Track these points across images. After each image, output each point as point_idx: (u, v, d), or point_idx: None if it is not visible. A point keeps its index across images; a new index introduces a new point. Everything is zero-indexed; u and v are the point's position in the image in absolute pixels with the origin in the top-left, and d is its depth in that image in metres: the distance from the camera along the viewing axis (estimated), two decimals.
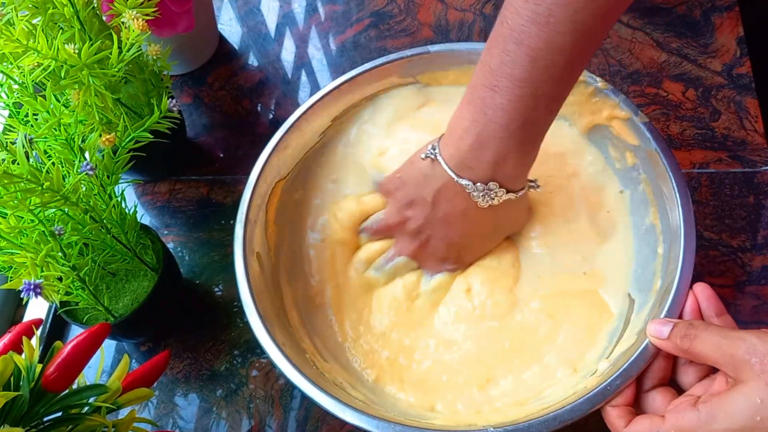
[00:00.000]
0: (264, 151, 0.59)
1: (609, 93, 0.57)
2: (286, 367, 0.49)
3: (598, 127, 0.59)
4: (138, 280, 0.59)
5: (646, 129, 0.55)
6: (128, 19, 0.53)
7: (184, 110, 0.76)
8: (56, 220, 0.50)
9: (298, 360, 0.50)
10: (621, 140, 0.57)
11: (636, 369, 0.45)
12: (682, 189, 0.51)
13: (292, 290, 0.58)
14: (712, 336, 0.42)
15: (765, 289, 0.59)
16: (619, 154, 0.58)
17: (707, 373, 0.45)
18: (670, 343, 0.44)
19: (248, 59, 0.80)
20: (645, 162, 0.55)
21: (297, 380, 0.48)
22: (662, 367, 0.46)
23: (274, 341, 0.50)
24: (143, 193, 0.72)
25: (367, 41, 0.79)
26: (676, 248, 0.50)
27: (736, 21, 0.73)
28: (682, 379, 0.46)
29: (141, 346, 0.64)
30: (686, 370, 0.46)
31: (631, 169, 0.57)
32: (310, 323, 0.57)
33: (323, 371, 0.52)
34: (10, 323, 0.67)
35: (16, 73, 0.50)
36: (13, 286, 0.47)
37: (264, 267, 0.56)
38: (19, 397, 0.40)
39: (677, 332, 0.44)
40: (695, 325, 0.44)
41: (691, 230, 0.50)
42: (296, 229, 0.61)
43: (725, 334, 0.42)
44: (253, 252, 0.55)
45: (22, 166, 0.45)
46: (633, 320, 0.52)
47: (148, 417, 0.60)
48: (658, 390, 0.46)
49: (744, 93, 0.69)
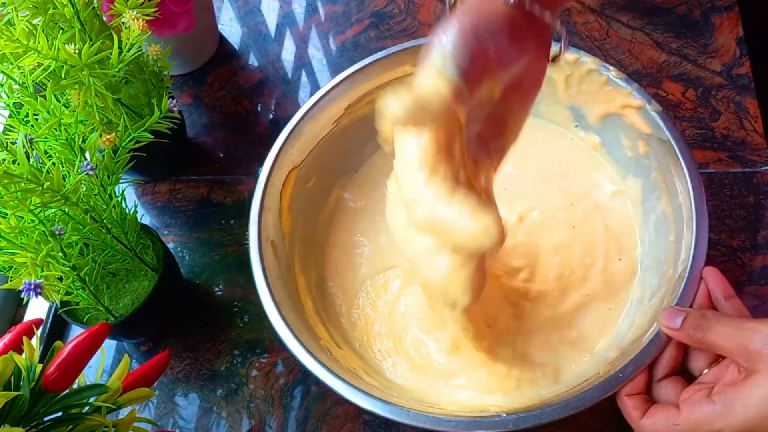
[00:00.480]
0: (278, 138, 0.59)
1: (622, 82, 0.57)
2: (302, 354, 0.49)
3: (610, 116, 0.59)
4: (138, 280, 0.59)
5: (659, 117, 0.55)
6: (128, 20, 0.53)
7: (184, 110, 0.76)
8: (56, 220, 0.50)
9: (313, 346, 0.50)
10: (634, 129, 0.57)
11: (648, 356, 0.46)
12: (695, 176, 0.51)
13: (305, 277, 0.59)
14: (725, 327, 0.42)
15: (765, 289, 0.59)
16: (631, 143, 0.58)
17: (717, 359, 0.45)
18: (683, 333, 0.44)
19: (248, 59, 0.80)
20: (657, 150, 0.55)
21: (313, 366, 0.48)
22: (674, 356, 0.46)
23: (290, 328, 0.50)
24: (143, 193, 0.72)
25: (367, 41, 0.79)
26: (689, 236, 0.50)
27: (735, 21, 0.73)
28: (693, 364, 0.46)
29: (141, 346, 0.64)
30: (697, 356, 0.46)
31: (642, 157, 0.57)
32: (324, 311, 0.58)
33: (337, 358, 0.53)
34: (11, 323, 0.67)
35: (17, 73, 0.50)
36: (14, 286, 0.47)
37: (278, 254, 0.56)
38: (20, 397, 0.41)
39: (690, 323, 0.44)
40: (708, 315, 0.44)
41: (703, 218, 0.50)
42: (310, 216, 0.61)
43: (738, 325, 0.42)
44: (268, 239, 0.55)
45: (22, 166, 0.45)
46: (645, 307, 0.52)
47: (149, 417, 0.60)
48: (670, 380, 0.46)
49: (744, 93, 0.69)
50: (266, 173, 0.57)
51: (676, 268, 0.50)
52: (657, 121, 0.55)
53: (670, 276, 0.51)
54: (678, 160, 0.53)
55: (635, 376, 0.45)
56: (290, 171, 0.59)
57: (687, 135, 0.67)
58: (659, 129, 0.55)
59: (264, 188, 0.57)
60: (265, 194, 0.57)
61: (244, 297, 0.64)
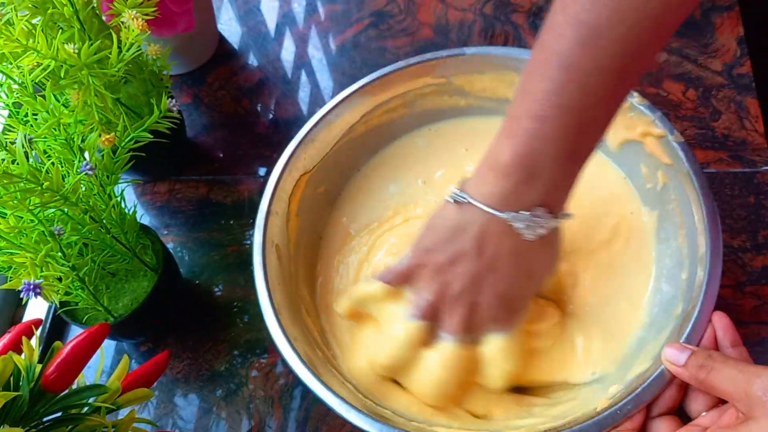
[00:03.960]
0: (290, 143, 0.58)
1: (644, 109, 0.55)
2: (295, 362, 0.48)
3: (630, 144, 0.58)
4: (138, 280, 0.59)
5: (680, 149, 0.53)
6: (128, 19, 0.53)
7: (184, 110, 0.76)
8: (56, 220, 0.50)
9: (308, 355, 0.50)
10: (654, 158, 0.55)
11: (649, 395, 0.44)
12: (712, 215, 0.50)
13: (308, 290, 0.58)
14: (729, 369, 0.41)
15: (765, 289, 0.59)
16: (650, 172, 0.57)
17: (716, 404, 0.44)
18: (686, 371, 0.43)
19: (248, 59, 0.80)
20: (676, 183, 0.54)
21: (304, 375, 0.48)
22: (673, 396, 0.45)
23: (285, 335, 0.50)
24: (143, 193, 0.72)
25: (367, 41, 0.79)
26: (701, 274, 0.48)
27: (736, 21, 0.73)
28: (691, 406, 0.45)
29: (141, 346, 0.64)
30: (696, 397, 0.45)
31: (662, 189, 0.56)
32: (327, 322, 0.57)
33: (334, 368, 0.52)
34: (10, 323, 0.67)
35: (16, 73, 0.50)
36: (13, 286, 0.47)
37: (282, 259, 0.56)
38: (19, 397, 0.40)
39: (694, 361, 0.43)
40: (713, 356, 0.42)
41: (717, 257, 0.48)
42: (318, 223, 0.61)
43: (742, 369, 0.41)
44: (273, 243, 0.55)
45: (21, 166, 0.45)
46: (650, 344, 0.50)
47: (148, 417, 0.60)
48: (663, 418, 0.45)
49: (744, 93, 0.69)
50: (276, 177, 0.57)
51: (686, 306, 0.49)
52: (678, 152, 0.53)
53: (678, 313, 0.50)
54: (697, 195, 0.51)
55: (634, 413, 0.44)
56: (301, 176, 0.59)
57: (687, 135, 0.67)
58: (680, 161, 0.53)
59: (273, 192, 0.56)
60: (274, 198, 0.56)
61: (244, 297, 0.64)
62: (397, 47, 0.78)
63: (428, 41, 0.78)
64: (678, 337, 0.46)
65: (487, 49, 0.61)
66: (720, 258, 0.48)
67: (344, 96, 0.60)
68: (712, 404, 0.44)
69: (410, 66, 0.61)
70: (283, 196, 0.57)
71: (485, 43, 0.77)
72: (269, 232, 0.55)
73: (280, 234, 0.56)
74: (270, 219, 0.55)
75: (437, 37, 0.78)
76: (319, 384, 0.47)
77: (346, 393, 0.48)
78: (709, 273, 0.48)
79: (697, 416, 0.45)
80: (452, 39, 0.78)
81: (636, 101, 0.55)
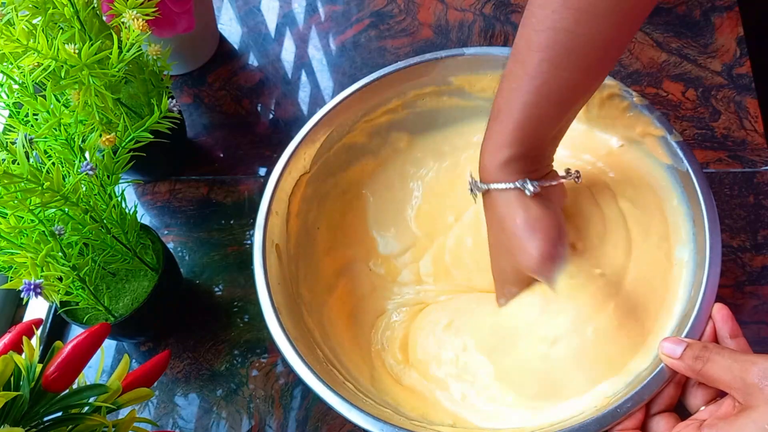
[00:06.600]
0: (290, 143, 0.59)
1: (643, 109, 0.55)
2: (295, 361, 0.49)
3: (631, 143, 0.58)
4: (138, 280, 0.59)
5: (678, 148, 0.53)
6: (128, 19, 0.53)
7: (184, 110, 0.76)
8: (56, 220, 0.50)
9: (308, 355, 0.50)
10: (653, 158, 0.56)
11: (648, 393, 0.45)
12: (712, 213, 0.50)
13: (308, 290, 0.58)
14: (724, 359, 0.41)
15: (765, 289, 0.59)
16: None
17: (715, 398, 0.44)
18: (682, 363, 0.44)
19: (248, 59, 0.80)
20: (676, 182, 0.54)
21: (304, 375, 0.48)
22: (672, 393, 0.45)
23: (286, 334, 0.50)
24: (143, 193, 0.72)
25: (367, 41, 0.79)
26: (700, 272, 0.49)
27: (736, 21, 0.73)
28: (690, 401, 0.45)
29: (141, 346, 0.64)
30: (695, 392, 0.45)
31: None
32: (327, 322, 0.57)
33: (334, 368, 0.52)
34: (10, 323, 0.67)
35: (16, 73, 0.50)
36: (13, 286, 0.47)
37: (282, 259, 0.56)
38: (19, 397, 0.40)
39: (690, 353, 0.43)
40: (709, 347, 0.43)
41: (717, 256, 0.48)
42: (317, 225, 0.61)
43: (737, 358, 0.41)
44: (273, 243, 0.55)
45: (22, 166, 0.45)
46: (649, 342, 0.50)
47: (148, 417, 0.60)
48: (663, 415, 0.45)
49: (744, 93, 0.69)
50: (276, 177, 0.57)
51: (685, 304, 0.49)
52: (677, 151, 0.53)
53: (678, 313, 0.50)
54: (697, 194, 0.51)
55: (634, 411, 0.45)
56: (301, 176, 0.59)
57: (687, 135, 0.67)
58: (679, 160, 0.53)
59: (273, 192, 0.56)
60: (274, 198, 0.56)
61: (244, 297, 0.64)
62: (397, 47, 0.78)
63: (428, 41, 0.78)
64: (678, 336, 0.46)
65: (487, 49, 0.62)
66: (719, 257, 0.48)
67: (344, 96, 0.60)
68: (710, 398, 0.45)
69: (410, 66, 0.61)
70: (283, 196, 0.57)
71: (485, 43, 0.77)
72: (269, 232, 0.55)
73: (280, 234, 0.56)
74: (270, 219, 0.55)
75: (437, 37, 0.78)
76: (320, 383, 0.47)
77: (346, 392, 0.48)
78: (708, 273, 0.48)
79: (696, 411, 0.45)
80: (452, 39, 0.78)
81: (635, 100, 0.55)
